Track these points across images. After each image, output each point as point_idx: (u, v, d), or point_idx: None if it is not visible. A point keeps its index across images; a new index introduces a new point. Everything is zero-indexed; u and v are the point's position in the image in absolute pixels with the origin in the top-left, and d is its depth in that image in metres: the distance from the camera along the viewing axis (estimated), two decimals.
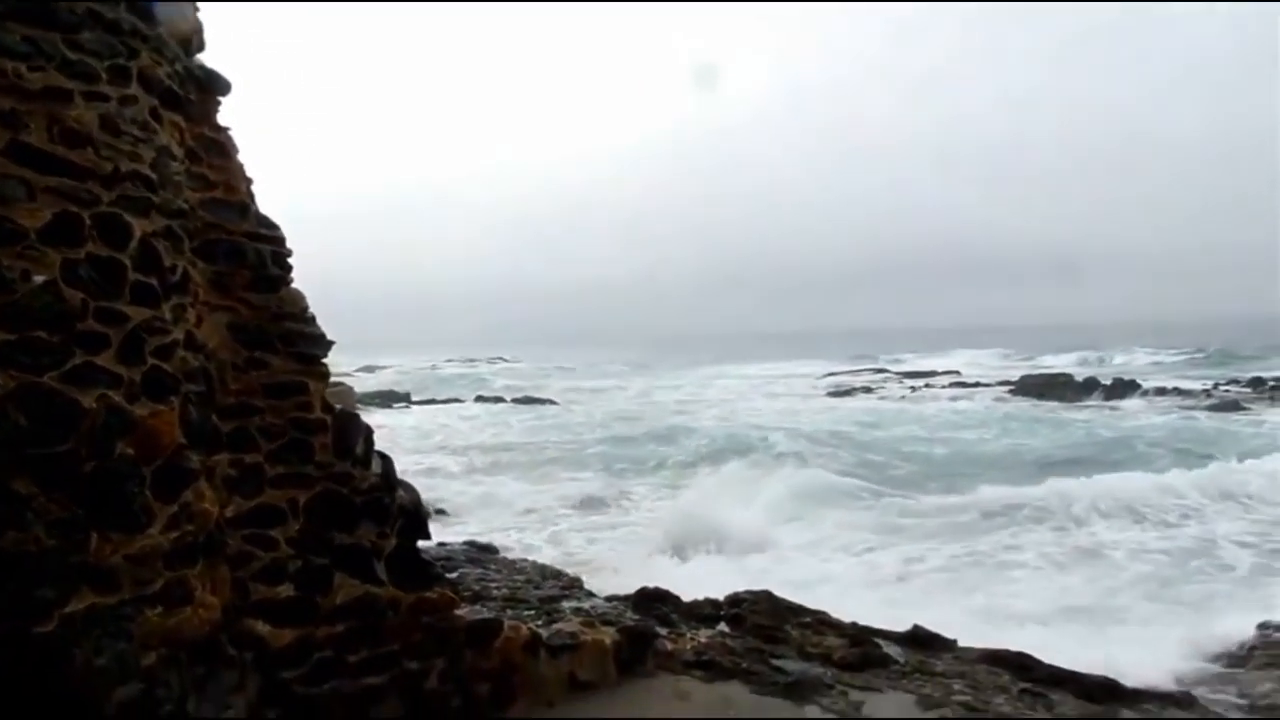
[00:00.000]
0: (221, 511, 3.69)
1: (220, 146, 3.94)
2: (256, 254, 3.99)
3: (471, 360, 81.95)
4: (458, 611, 4.78)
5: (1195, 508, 14.51)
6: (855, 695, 5.18)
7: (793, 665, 5.55)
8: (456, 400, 42.41)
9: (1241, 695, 6.81)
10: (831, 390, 45.18)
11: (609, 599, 7.43)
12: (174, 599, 3.25)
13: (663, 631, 5.90)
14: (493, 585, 8.06)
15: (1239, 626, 8.40)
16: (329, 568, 4.15)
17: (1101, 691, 5.66)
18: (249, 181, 4.02)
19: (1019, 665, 6.04)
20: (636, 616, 6.55)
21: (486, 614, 5.12)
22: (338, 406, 4.29)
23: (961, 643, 6.72)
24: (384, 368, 67.91)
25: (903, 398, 40.84)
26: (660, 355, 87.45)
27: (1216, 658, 7.84)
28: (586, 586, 8.39)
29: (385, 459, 4.43)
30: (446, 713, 4.52)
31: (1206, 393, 36.37)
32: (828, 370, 56.83)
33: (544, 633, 5.16)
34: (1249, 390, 36.50)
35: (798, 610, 7.47)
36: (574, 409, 35.69)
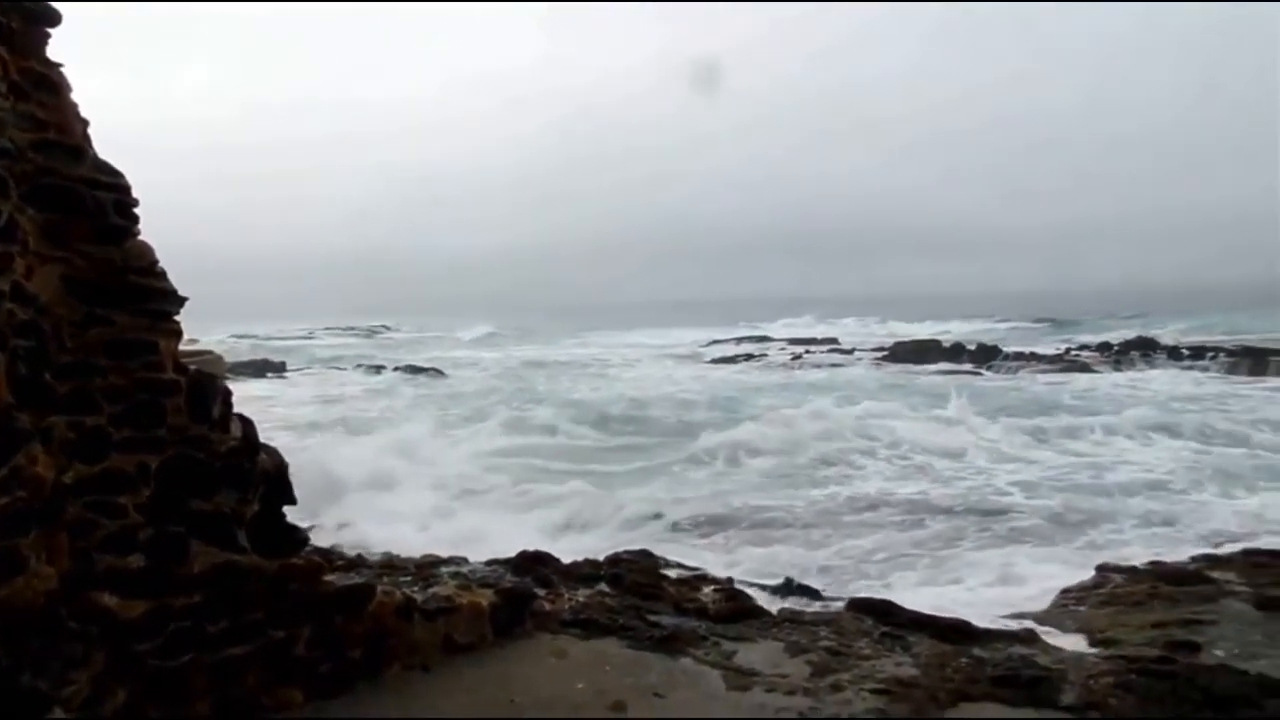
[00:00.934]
0: (59, 477, 3.46)
1: (51, 84, 3.62)
2: (96, 202, 3.71)
3: (352, 328, 79.22)
4: (327, 578, 4.65)
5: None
6: (728, 645, 5.34)
7: (668, 620, 5.68)
8: (338, 368, 41.04)
9: (1081, 630, 7.38)
10: (714, 358, 46.00)
11: (489, 563, 7.41)
12: (3, 569, 3.02)
13: (541, 592, 5.92)
14: (369, 554, 7.93)
15: (1082, 568, 9.12)
16: (185, 535, 3.95)
17: (955, 633, 6.02)
18: (85, 123, 3.72)
19: (882, 611, 6.35)
20: (516, 579, 6.56)
21: (358, 580, 5.01)
22: (192, 367, 4.07)
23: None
24: (257, 335, 64.95)
25: (783, 365, 42.02)
26: (549, 323, 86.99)
27: (1060, 597, 8.47)
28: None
29: (246, 421, 4.24)
30: (315, 679, 4.41)
31: (1059, 357, 38.98)
32: (713, 338, 57.81)
33: (419, 597, 5.10)
34: (1097, 354, 39.29)
35: (676, 567, 7.65)
36: (462, 379, 34.99)
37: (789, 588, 7.58)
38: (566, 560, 7.48)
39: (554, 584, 6.49)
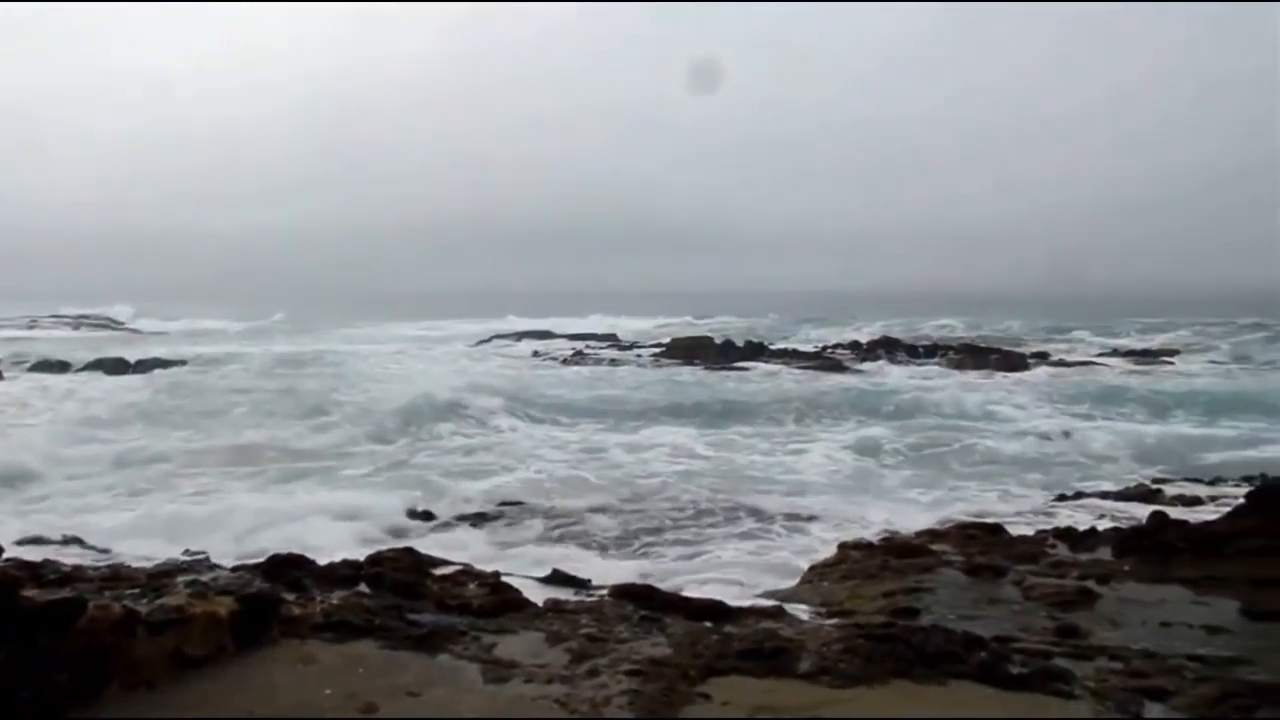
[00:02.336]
0: None
1: None
2: None
3: (85, 317, 70.61)
4: (27, 593, 4.12)
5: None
6: (488, 639, 5.30)
7: (428, 618, 5.54)
8: (63, 362, 36.47)
9: (823, 604, 8.01)
10: (489, 352, 45.61)
11: (235, 569, 6.91)
12: None
13: (290, 597, 5.58)
14: (90, 567, 7.12)
15: (824, 547, 9.92)
16: None
17: (709, 612, 6.34)
18: None
19: (642, 596, 6.57)
20: (265, 585, 6.15)
21: (67, 594, 4.48)
22: None
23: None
24: None
25: (562, 361, 42.41)
26: (317, 312, 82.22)
27: (807, 574, 9.17)
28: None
29: None
30: (13, 707, 3.89)
31: (817, 354, 42.20)
32: (495, 332, 57.22)
33: (144, 609, 4.63)
34: (848, 352, 42.91)
35: (441, 564, 7.49)
36: (212, 378, 31.98)
37: (556, 578, 7.65)
38: (323, 561, 7.10)
39: (307, 588, 6.13)
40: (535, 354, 45.13)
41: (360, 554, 7.58)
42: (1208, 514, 10.20)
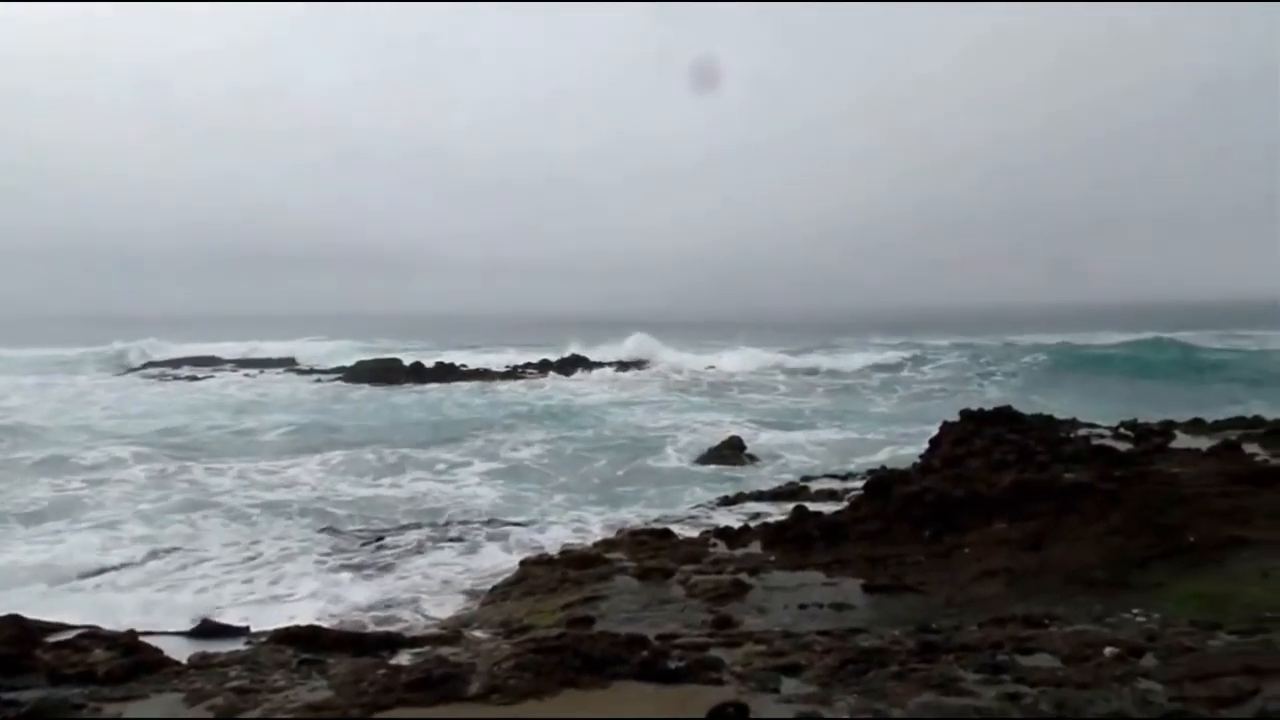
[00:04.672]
0: None
1: None
2: None
3: None
4: None
5: None
6: (112, 709, 4.63)
7: (32, 694, 4.73)
8: None
9: (503, 623, 8.01)
10: (136, 380, 40.66)
11: None
12: None
13: None
14: None
15: (507, 566, 9.96)
16: None
17: (382, 645, 6.07)
18: None
19: (307, 638, 6.12)
20: None
21: None
22: None
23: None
24: None
25: (221, 385, 38.83)
26: None
27: (489, 595, 9.13)
28: None
29: None
30: None
31: (511, 372, 42.56)
32: (149, 358, 50.82)
33: None
34: (536, 371, 43.79)
35: (60, 629, 6.44)
36: None
37: (207, 630, 6.89)
38: None
39: None
40: (191, 378, 40.86)
41: None
42: (840, 506, 11.66)
